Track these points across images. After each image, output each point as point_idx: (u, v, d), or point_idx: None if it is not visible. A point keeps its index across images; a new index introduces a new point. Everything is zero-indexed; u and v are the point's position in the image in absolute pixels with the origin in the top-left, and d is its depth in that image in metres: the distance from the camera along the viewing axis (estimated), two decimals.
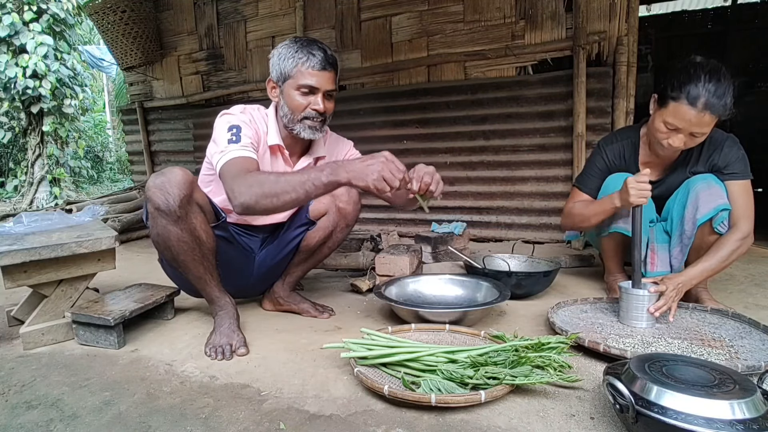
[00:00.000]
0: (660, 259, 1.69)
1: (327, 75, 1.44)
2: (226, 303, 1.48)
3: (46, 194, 5.83)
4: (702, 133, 1.45)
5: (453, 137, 3.09)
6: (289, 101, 1.46)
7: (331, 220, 1.61)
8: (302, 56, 1.41)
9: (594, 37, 2.60)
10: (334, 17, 3.40)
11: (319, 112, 1.46)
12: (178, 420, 1.03)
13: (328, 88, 1.45)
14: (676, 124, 1.45)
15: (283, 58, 1.44)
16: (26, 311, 1.58)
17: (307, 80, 1.42)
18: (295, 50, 1.42)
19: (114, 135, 9.88)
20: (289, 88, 1.45)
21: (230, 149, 1.35)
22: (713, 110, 1.39)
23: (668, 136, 1.49)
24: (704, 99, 1.39)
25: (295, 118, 1.46)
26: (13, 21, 5.12)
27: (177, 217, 1.31)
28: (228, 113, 1.47)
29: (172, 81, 4.24)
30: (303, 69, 1.41)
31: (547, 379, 1.06)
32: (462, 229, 2.63)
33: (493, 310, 1.68)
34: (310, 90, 1.43)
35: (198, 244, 1.38)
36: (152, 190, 1.30)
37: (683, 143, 1.49)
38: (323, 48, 1.44)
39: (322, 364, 1.28)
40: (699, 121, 1.42)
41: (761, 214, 1.56)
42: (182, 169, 1.35)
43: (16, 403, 1.12)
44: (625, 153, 1.73)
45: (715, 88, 1.38)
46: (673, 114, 1.45)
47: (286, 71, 1.44)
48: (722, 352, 1.24)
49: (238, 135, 1.38)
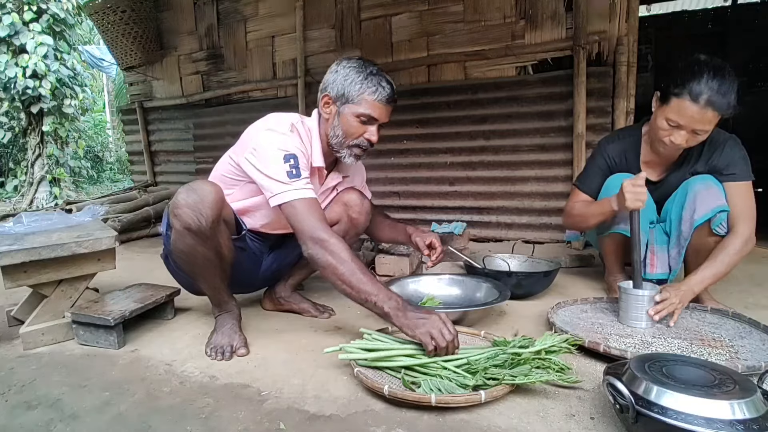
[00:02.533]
0: (659, 260, 1.69)
1: (389, 110, 1.44)
2: (232, 306, 1.49)
3: (46, 194, 5.83)
4: (704, 130, 1.43)
5: (453, 137, 3.09)
6: (345, 125, 1.42)
7: (341, 229, 1.61)
8: (372, 86, 1.38)
9: (594, 37, 2.60)
10: (333, 17, 3.40)
11: (371, 143, 1.45)
12: (178, 420, 1.03)
13: (386, 121, 1.45)
14: (678, 120, 1.44)
15: (350, 81, 1.39)
16: (26, 311, 1.57)
17: (372, 111, 1.40)
18: (364, 77, 1.38)
19: (114, 135, 9.88)
20: (348, 111, 1.41)
21: (295, 186, 1.29)
22: (715, 107, 1.38)
23: (670, 133, 1.48)
24: (707, 95, 1.37)
25: (345, 143, 1.44)
26: (13, 21, 5.12)
27: (206, 238, 1.31)
28: (276, 131, 1.36)
29: (172, 81, 4.24)
30: (369, 98, 1.38)
31: (546, 379, 1.06)
32: (462, 229, 2.63)
33: (493, 310, 1.68)
34: (369, 120, 1.42)
35: (220, 260, 1.39)
36: (183, 209, 1.27)
37: (685, 141, 1.47)
38: (390, 83, 1.42)
39: (322, 364, 1.28)
40: (701, 118, 1.40)
41: (761, 214, 1.55)
42: (212, 185, 1.34)
43: (16, 403, 1.12)
44: (627, 152, 1.72)
45: (718, 85, 1.37)
46: (675, 110, 1.44)
47: (350, 95, 1.39)
48: (722, 352, 1.24)
49: (297, 168, 1.31)
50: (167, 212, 1.36)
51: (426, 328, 1.14)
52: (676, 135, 1.47)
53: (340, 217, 1.61)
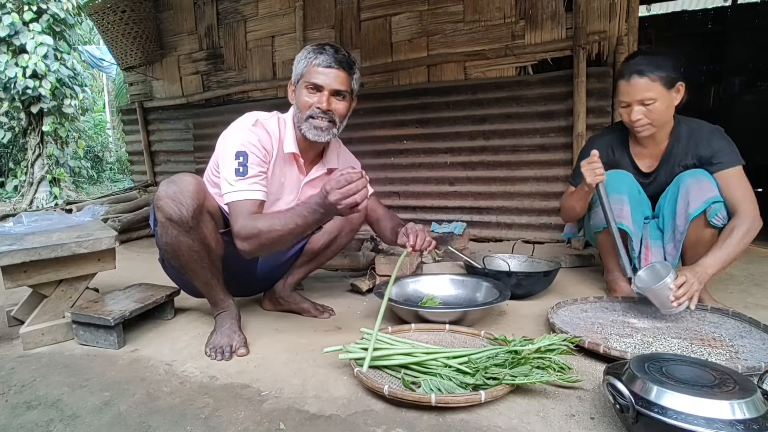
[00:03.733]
0: (654, 255, 1.69)
1: (334, 73, 1.42)
2: (230, 305, 1.49)
3: (46, 194, 5.83)
4: (650, 98, 1.55)
5: (453, 137, 3.09)
6: (298, 100, 1.46)
7: (337, 225, 1.61)
8: (313, 55, 1.42)
9: (594, 37, 2.60)
10: (333, 17, 3.40)
11: (322, 110, 1.43)
12: (178, 420, 1.03)
13: (335, 86, 1.42)
14: (623, 98, 1.60)
15: (299, 60, 1.45)
16: (26, 311, 1.58)
17: (314, 78, 1.41)
18: (309, 51, 1.44)
19: (114, 135, 9.88)
20: (300, 87, 1.46)
21: (237, 187, 1.34)
22: (643, 74, 1.54)
23: (628, 113, 1.61)
24: (631, 69, 1.57)
25: (302, 117, 1.46)
26: (13, 21, 5.12)
27: (189, 228, 1.31)
28: (239, 128, 1.41)
29: (172, 81, 4.24)
30: (312, 68, 1.41)
31: (546, 379, 1.06)
32: (462, 229, 2.63)
33: (493, 310, 1.68)
34: (315, 87, 1.42)
35: (207, 252, 1.39)
36: (164, 200, 1.29)
37: (642, 114, 1.58)
38: (335, 48, 1.44)
39: (322, 364, 1.28)
40: (637, 88, 1.55)
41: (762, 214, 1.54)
42: (193, 176, 1.35)
43: (16, 403, 1.12)
44: (614, 146, 1.80)
45: (641, 60, 1.57)
46: (619, 93, 1.63)
47: (300, 71, 1.45)
48: (722, 351, 1.24)
49: (245, 165, 1.35)
50: (153, 207, 1.36)
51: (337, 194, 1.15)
52: (631, 112, 1.60)
53: None
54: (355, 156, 1.80)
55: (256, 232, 1.27)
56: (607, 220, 1.58)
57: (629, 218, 1.65)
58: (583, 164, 1.60)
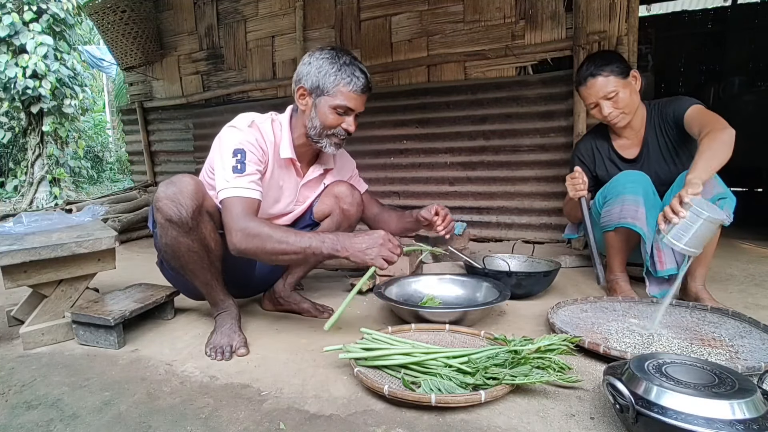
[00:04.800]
0: (666, 255, 1.68)
1: (364, 99, 1.45)
2: (230, 305, 1.49)
3: (46, 194, 5.84)
4: (609, 91, 1.70)
5: (453, 137, 3.09)
6: (321, 116, 1.43)
7: (334, 222, 1.62)
8: (346, 77, 1.39)
9: (594, 37, 2.60)
10: (333, 17, 3.40)
11: (349, 132, 1.47)
12: (178, 420, 1.03)
13: (361, 109, 1.46)
14: (589, 101, 1.76)
15: (324, 73, 1.40)
16: (26, 311, 1.58)
17: (348, 102, 1.41)
18: (338, 68, 1.39)
19: (114, 135, 9.88)
20: (324, 103, 1.42)
21: (235, 184, 1.32)
22: (595, 74, 1.70)
23: (598, 111, 1.76)
24: (584, 74, 1.73)
25: (323, 133, 1.46)
26: (13, 21, 5.12)
27: (189, 228, 1.31)
28: (235, 127, 1.41)
29: (172, 81, 4.24)
30: (344, 90, 1.40)
31: (546, 379, 1.06)
32: (462, 229, 2.62)
33: (493, 310, 1.68)
34: (345, 111, 1.43)
35: (207, 252, 1.39)
36: (163, 201, 1.29)
37: (610, 107, 1.72)
38: (364, 71, 1.43)
39: (322, 364, 1.28)
40: (595, 88, 1.72)
41: (761, 214, 1.54)
42: (192, 177, 1.35)
43: (16, 403, 1.12)
44: (597, 145, 1.93)
45: (589, 64, 1.73)
46: (583, 99, 1.80)
47: (325, 87, 1.40)
48: (722, 351, 1.24)
49: (243, 163, 1.35)
50: (152, 209, 1.36)
51: (376, 255, 1.24)
52: (602, 109, 1.74)
53: (332, 209, 1.62)
54: (355, 156, 1.80)
55: (256, 233, 1.27)
56: (586, 231, 1.73)
57: (644, 220, 1.64)
58: (567, 179, 1.76)
